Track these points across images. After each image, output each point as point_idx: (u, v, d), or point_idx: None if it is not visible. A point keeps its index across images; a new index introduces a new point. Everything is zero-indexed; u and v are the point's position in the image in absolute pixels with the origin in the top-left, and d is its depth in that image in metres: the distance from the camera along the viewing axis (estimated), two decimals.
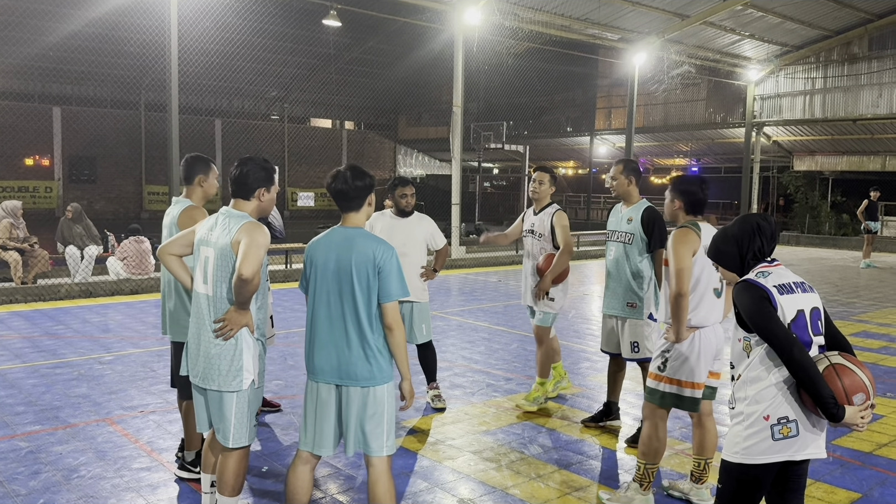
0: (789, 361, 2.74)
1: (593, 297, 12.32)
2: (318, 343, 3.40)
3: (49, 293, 10.70)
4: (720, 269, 3.15)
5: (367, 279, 3.32)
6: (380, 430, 3.37)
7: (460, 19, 16.40)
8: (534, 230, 5.85)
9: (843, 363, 2.79)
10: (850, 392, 2.73)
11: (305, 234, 16.96)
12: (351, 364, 3.34)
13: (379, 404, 3.36)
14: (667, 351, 4.10)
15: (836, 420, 2.72)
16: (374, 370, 3.35)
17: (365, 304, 3.33)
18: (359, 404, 3.35)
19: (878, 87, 23.82)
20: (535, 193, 5.84)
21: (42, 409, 5.72)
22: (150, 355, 7.49)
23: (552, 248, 5.73)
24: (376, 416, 3.36)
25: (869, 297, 12.58)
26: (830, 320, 3.02)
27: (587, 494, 4.38)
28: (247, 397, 3.50)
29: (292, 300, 10.75)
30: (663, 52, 21.58)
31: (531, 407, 5.84)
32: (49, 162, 29.16)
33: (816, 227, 25.63)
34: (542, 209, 5.84)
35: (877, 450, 5.21)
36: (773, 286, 2.86)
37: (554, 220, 5.73)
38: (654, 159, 34.75)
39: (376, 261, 3.32)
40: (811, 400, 2.74)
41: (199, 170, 4.32)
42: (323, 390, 3.40)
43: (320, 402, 3.41)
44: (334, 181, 3.45)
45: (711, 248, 3.16)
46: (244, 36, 24.01)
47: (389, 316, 3.35)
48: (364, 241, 3.38)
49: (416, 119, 39.86)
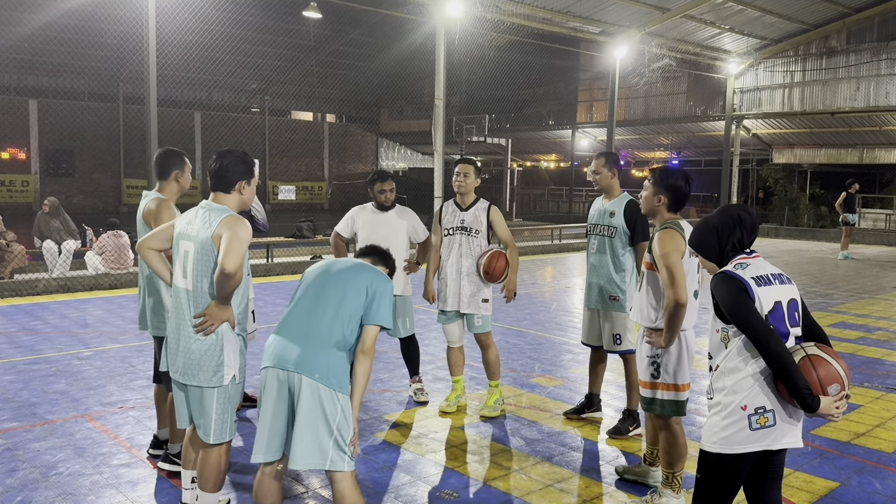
0: (766, 353, 2.76)
1: (575, 289, 12.36)
2: (287, 330, 3.31)
3: (26, 288, 10.56)
4: (700, 258, 3.16)
5: (356, 295, 3.34)
6: (327, 435, 3.19)
7: (442, 11, 16.34)
8: (467, 227, 5.47)
9: (819, 354, 2.82)
10: (826, 383, 2.76)
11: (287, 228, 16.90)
12: (310, 357, 3.21)
13: (329, 409, 3.18)
14: (657, 356, 3.97)
15: (812, 411, 2.74)
16: (332, 374, 3.22)
17: (347, 316, 3.31)
18: (308, 399, 3.17)
19: (856, 81, 24.07)
20: (462, 187, 5.46)
21: (19, 406, 5.64)
22: (129, 350, 7.42)
23: (486, 245, 5.49)
24: (326, 420, 3.18)
25: (847, 289, 12.73)
26: (808, 312, 3.05)
27: (569, 486, 4.40)
28: (227, 393, 3.47)
29: (274, 294, 10.69)
30: (644, 46, 21.66)
31: (494, 413, 5.58)
32: (26, 155, 28.76)
33: (795, 220, 25.90)
34: (471, 204, 5.52)
35: (854, 439, 5.27)
36: (751, 278, 2.88)
37: (491, 216, 5.46)
38: (635, 152, 34.90)
39: (369, 286, 3.38)
40: (787, 390, 2.77)
41: (175, 165, 4.27)
42: (273, 381, 3.25)
43: (271, 398, 3.25)
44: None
45: (692, 237, 3.16)
46: (223, 27, 23.78)
47: (368, 341, 3.33)
48: (364, 268, 3.49)
49: (398, 112, 39.73)
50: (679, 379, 3.96)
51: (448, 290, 5.53)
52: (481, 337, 5.56)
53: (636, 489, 4.35)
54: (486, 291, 5.50)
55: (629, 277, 5.10)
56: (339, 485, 3.28)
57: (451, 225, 5.55)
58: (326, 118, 39.34)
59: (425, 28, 19.06)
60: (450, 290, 5.52)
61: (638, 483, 4.41)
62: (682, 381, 3.97)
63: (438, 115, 16.79)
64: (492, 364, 5.60)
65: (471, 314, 5.49)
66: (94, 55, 26.13)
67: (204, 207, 3.51)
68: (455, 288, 5.50)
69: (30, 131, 28.78)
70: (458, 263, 5.49)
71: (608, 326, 5.17)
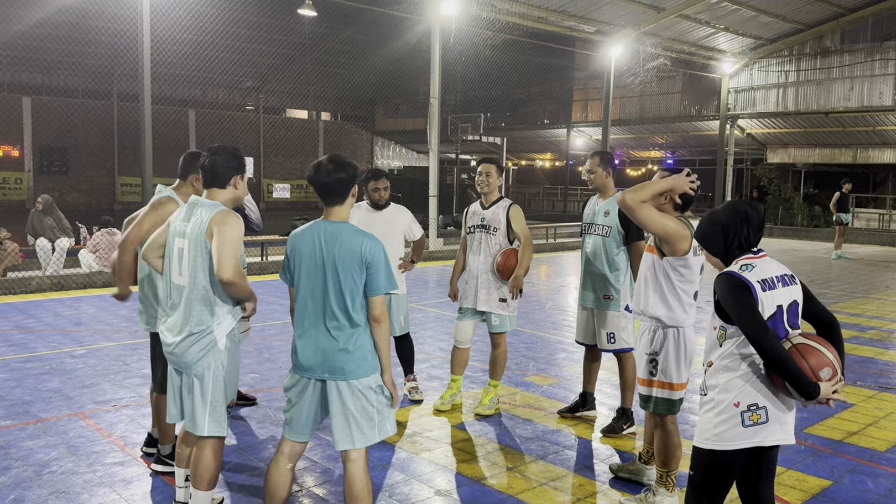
0: (762, 350, 2.78)
1: (569, 288, 12.38)
2: (304, 338, 3.33)
3: (19, 286, 10.52)
4: (704, 253, 3.14)
5: (353, 275, 3.25)
6: (369, 423, 3.30)
7: (437, 10, 16.33)
8: (487, 225, 5.51)
9: (805, 342, 2.85)
10: (817, 369, 2.80)
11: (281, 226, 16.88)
12: (337, 359, 3.26)
13: (366, 396, 3.30)
14: (655, 354, 3.97)
15: (813, 398, 2.77)
16: (360, 363, 3.29)
17: (351, 300, 3.27)
18: (346, 398, 3.27)
19: (850, 81, 24.16)
20: (485, 186, 5.50)
21: (12, 404, 5.62)
22: (123, 349, 7.40)
23: (507, 244, 5.51)
24: (364, 408, 3.29)
25: (840, 288, 12.78)
26: (819, 304, 3.06)
27: (563, 484, 4.41)
28: (220, 383, 3.50)
29: (268, 292, 10.67)
30: (639, 45, 21.70)
31: (488, 411, 5.60)
32: (19, 153, 28.63)
33: (789, 219, 25.98)
34: (492, 203, 5.55)
35: (847, 438, 5.29)
36: (757, 282, 2.87)
37: (511, 214, 5.47)
38: (630, 152, 34.97)
39: (364, 256, 3.25)
40: (786, 384, 2.79)
41: (194, 169, 4.26)
42: (307, 385, 3.34)
43: (304, 395, 3.35)
44: (317, 174, 3.32)
45: (698, 231, 3.14)
46: (218, 25, 23.70)
47: (377, 309, 3.30)
48: (350, 235, 3.30)
49: (393, 110, 39.70)
50: (674, 378, 3.95)
51: (468, 288, 5.61)
52: (495, 336, 5.60)
53: (630, 487, 4.36)
54: (505, 291, 5.49)
55: (623, 277, 5.11)
56: (354, 465, 3.32)
57: (473, 223, 5.62)
58: (321, 116, 39.27)
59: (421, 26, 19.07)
60: (469, 287, 5.59)
61: (632, 481, 4.42)
62: (677, 380, 3.95)
63: (434, 113, 16.79)
64: (497, 363, 5.63)
65: (488, 313, 5.53)
66: (89, 52, 26.02)
67: (195, 204, 3.54)
68: (473, 285, 5.55)
69: (23, 128, 28.64)
70: (476, 261, 5.54)
71: (602, 325, 5.18)
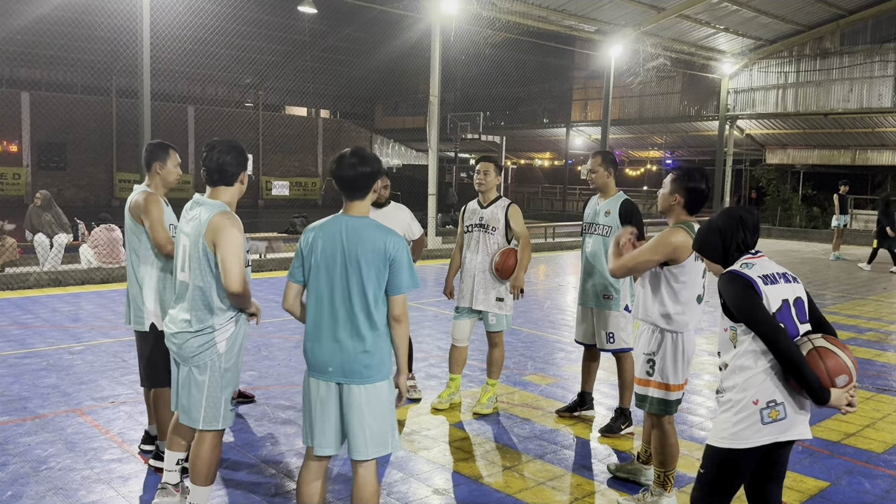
0: (775, 349, 2.80)
1: (568, 287, 12.38)
2: (321, 339, 3.18)
3: (17, 282, 10.50)
4: (705, 261, 3.18)
5: (377, 273, 3.12)
6: (386, 427, 3.19)
7: (437, 8, 16.31)
8: (485, 224, 5.47)
9: (826, 346, 2.85)
10: (833, 374, 2.80)
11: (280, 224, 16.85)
12: (355, 361, 3.14)
13: (382, 401, 3.19)
14: (653, 354, 3.96)
15: (823, 403, 2.78)
16: (378, 366, 3.17)
17: (374, 298, 3.14)
18: (362, 402, 3.15)
19: (849, 82, 24.18)
20: (482, 185, 5.47)
21: (10, 400, 5.61)
22: (121, 345, 7.39)
23: (505, 243, 5.48)
24: (380, 413, 3.18)
25: (838, 290, 12.79)
26: (816, 308, 3.07)
27: (561, 484, 4.41)
28: (219, 375, 3.51)
29: (266, 290, 10.66)
30: (639, 45, 21.70)
31: (486, 410, 5.59)
32: (17, 148, 28.60)
33: (788, 220, 26.01)
34: (491, 202, 5.52)
35: (844, 439, 5.30)
36: (758, 276, 2.91)
37: (509, 214, 5.45)
38: (629, 151, 34.98)
39: (388, 253, 3.12)
40: (797, 384, 2.82)
41: (155, 157, 4.29)
42: (322, 387, 3.20)
43: (320, 400, 3.20)
44: (339, 167, 3.18)
45: (696, 239, 3.18)
46: (218, 21, 23.66)
47: (398, 308, 3.19)
48: (374, 231, 3.16)
49: (392, 108, 39.69)
50: (671, 379, 3.94)
51: (464, 287, 5.58)
52: (492, 335, 5.59)
53: (628, 487, 4.36)
54: (502, 290, 5.47)
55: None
56: (366, 469, 3.22)
57: (471, 222, 5.59)
58: (321, 114, 39.24)
59: (421, 24, 19.05)
60: (465, 286, 5.57)
61: (630, 481, 4.43)
62: (674, 381, 3.94)
63: (433, 111, 16.78)
64: (494, 362, 5.62)
65: (485, 312, 5.52)
66: (88, 48, 25.95)
67: (196, 203, 3.55)
68: (469, 284, 5.53)
69: (22, 124, 28.61)
70: (473, 260, 5.51)
71: (601, 325, 5.18)
